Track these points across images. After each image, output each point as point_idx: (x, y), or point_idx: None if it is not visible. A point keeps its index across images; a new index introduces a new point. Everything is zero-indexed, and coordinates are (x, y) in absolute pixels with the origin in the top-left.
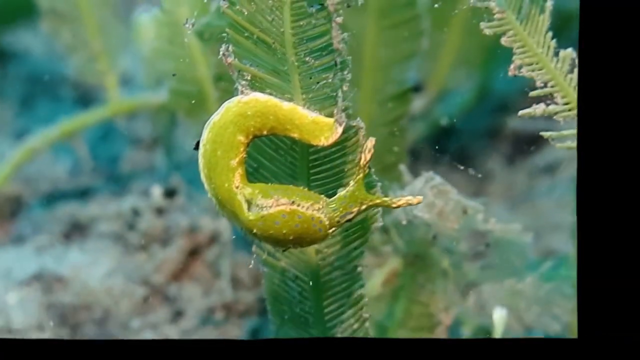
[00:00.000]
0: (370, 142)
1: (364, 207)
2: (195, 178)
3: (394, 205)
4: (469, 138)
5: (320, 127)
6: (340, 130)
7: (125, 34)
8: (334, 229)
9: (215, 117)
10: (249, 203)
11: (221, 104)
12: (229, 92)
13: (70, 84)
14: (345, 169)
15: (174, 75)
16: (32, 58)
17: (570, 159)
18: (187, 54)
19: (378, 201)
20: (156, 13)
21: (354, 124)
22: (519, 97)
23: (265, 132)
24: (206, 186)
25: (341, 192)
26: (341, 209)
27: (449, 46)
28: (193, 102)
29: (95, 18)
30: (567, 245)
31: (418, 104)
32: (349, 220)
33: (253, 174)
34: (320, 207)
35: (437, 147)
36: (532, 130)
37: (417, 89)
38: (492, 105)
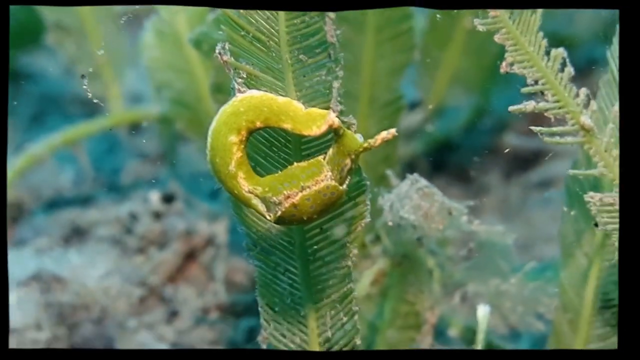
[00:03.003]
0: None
1: (353, 156)
2: (193, 185)
3: (375, 145)
4: (466, 154)
5: (313, 118)
6: (333, 116)
7: (129, 47)
8: (346, 182)
9: (213, 123)
10: (265, 201)
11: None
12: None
13: (78, 101)
14: None
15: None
16: (41, 77)
17: (562, 174)
18: (186, 65)
19: (361, 149)
20: (154, 23)
21: (346, 120)
22: (515, 115)
23: (258, 125)
24: (223, 187)
25: (328, 155)
26: (337, 167)
27: (448, 63)
28: (192, 113)
29: (99, 31)
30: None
31: (416, 119)
32: (350, 169)
33: None
34: (325, 174)
35: (433, 162)
36: (528, 147)
37: (415, 104)
38: (489, 122)
